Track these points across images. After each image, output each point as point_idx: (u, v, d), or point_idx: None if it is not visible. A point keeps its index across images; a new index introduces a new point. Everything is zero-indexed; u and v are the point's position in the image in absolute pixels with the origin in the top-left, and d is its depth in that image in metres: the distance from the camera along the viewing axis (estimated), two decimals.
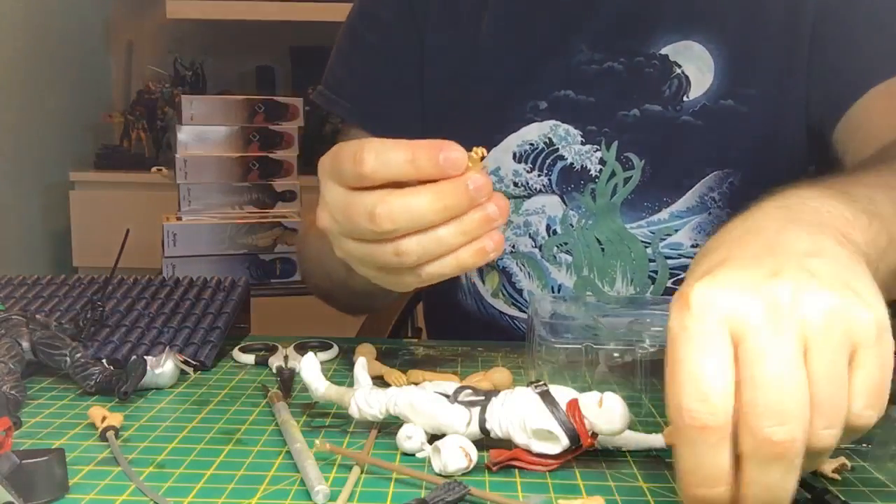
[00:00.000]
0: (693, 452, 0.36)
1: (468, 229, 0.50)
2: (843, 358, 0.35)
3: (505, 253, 0.87)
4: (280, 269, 1.69)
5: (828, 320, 0.35)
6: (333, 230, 0.54)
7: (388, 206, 0.49)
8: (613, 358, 0.55)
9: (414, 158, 0.49)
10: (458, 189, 0.49)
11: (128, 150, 2.85)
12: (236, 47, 3.06)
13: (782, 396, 0.34)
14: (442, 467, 0.47)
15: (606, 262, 0.84)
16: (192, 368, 0.65)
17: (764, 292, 0.36)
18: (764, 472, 0.35)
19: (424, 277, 0.52)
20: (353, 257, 0.54)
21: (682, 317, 0.37)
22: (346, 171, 0.51)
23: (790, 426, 0.34)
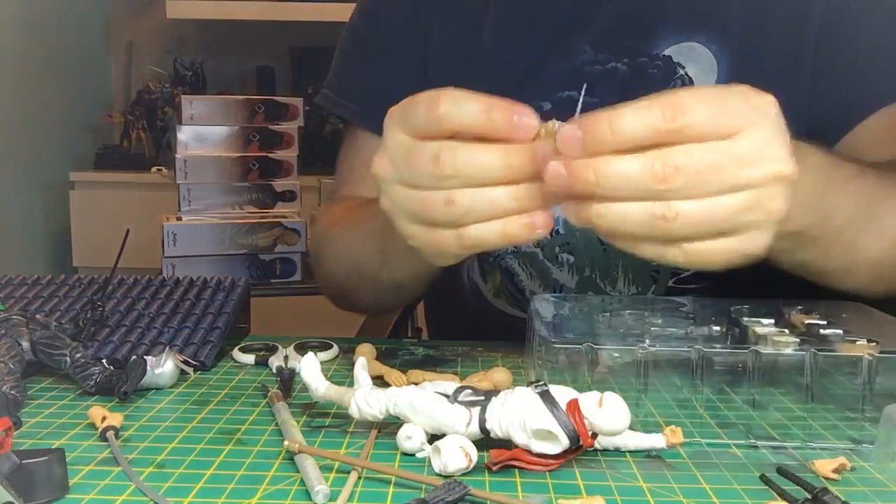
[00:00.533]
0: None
1: (523, 196, 0.49)
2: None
3: (507, 252, 0.87)
4: (280, 269, 1.69)
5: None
6: (388, 176, 0.53)
7: (454, 151, 0.49)
8: (613, 358, 0.55)
9: (488, 110, 0.48)
10: (525, 152, 0.48)
11: (128, 150, 2.85)
12: (236, 47, 3.06)
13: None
14: (442, 467, 0.47)
15: (608, 262, 0.84)
16: (192, 368, 0.65)
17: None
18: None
19: (465, 240, 0.51)
20: (399, 207, 0.53)
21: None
22: (419, 113, 0.50)
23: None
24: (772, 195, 0.48)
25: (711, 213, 0.46)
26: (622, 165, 0.46)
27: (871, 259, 0.65)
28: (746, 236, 0.49)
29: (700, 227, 0.47)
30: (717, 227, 0.47)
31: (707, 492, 0.46)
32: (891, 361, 0.52)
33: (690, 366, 0.53)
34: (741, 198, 0.47)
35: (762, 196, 0.47)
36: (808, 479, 0.44)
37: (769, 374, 0.53)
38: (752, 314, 0.62)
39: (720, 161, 0.46)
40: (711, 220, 0.47)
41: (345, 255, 0.80)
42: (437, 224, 0.51)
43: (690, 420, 0.55)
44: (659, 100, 0.46)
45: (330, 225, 0.87)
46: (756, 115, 0.47)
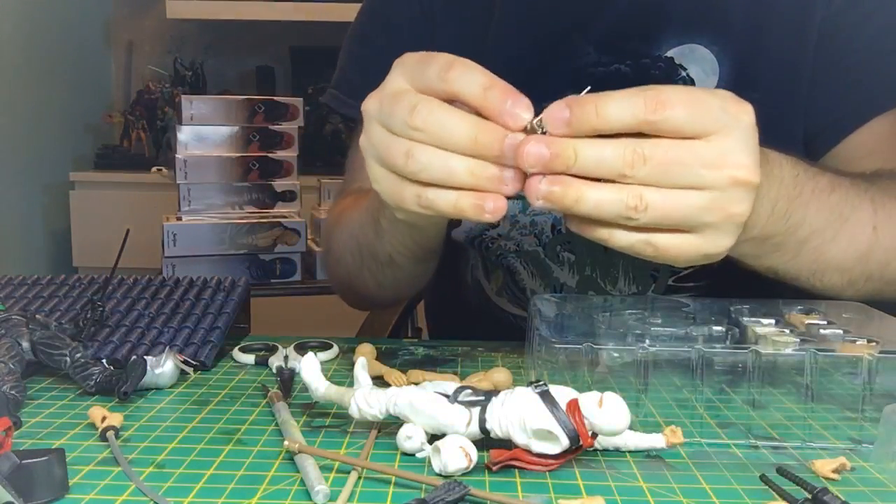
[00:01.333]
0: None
1: (478, 173, 0.50)
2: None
3: (509, 251, 0.87)
4: (280, 269, 1.69)
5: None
6: (372, 113, 0.54)
7: (430, 106, 0.50)
8: (613, 358, 0.55)
9: (489, 87, 0.50)
10: (496, 132, 0.49)
11: (128, 150, 2.85)
12: (236, 47, 3.06)
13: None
14: (442, 467, 0.47)
15: (609, 261, 0.84)
16: (192, 368, 0.65)
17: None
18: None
19: (422, 200, 0.52)
20: (372, 146, 0.54)
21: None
22: (431, 70, 0.51)
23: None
24: (732, 199, 0.50)
25: (675, 206, 0.49)
26: (600, 147, 0.49)
27: (841, 267, 0.66)
28: (708, 236, 0.51)
29: (664, 218, 0.50)
30: (680, 222, 0.50)
31: (707, 492, 0.46)
32: (891, 361, 0.52)
33: (690, 366, 0.53)
34: (703, 197, 0.50)
35: (723, 198, 0.50)
36: (808, 479, 0.44)
37: (769, 374, 0.53)
38: (752, 314, 0.62)
39: (684, 157, 0.49)
40: (674, 213, 0.50)
41: (349, 236, 0.81)
42: (399, 173, 0.53)
43: (690, 420, 0.55)
44: (644, 91, 0.48)
45: (338, 213, 0.88)
46: (729, 121, 0.49)
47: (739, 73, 0.79)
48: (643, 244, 0.51)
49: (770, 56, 0.79)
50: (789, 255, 0.62)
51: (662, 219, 0.50)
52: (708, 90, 0.50)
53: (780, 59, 0.79)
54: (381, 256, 0.75)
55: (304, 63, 2.99)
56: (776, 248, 0.61)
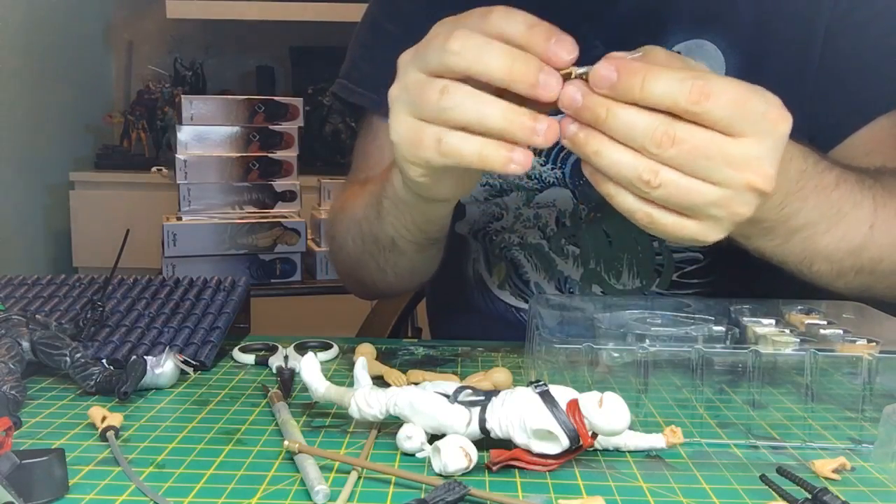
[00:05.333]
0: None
1: (510, 118, 0.50)
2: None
3: (513, 244, 0.87)
4: (280, 269, 1.69)
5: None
6: (408, 60, 0.54)
7: (467, 32, 0.51)
8: (613, 358, 0.55)
9: (532, 26, 0.50)
10: (531, 65, 0.49)
11: (128, 150, 2.85)
12: (236, 47, 3.06)
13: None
14: (442, 467, 0.47)
15: (613, 255, 0.84)
16: (192, 368, 0.65)
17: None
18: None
19: (443, 145, 0.52)
20: (404, 92, 0.54)
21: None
22: (472, 18, 0.52)
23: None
24: (741, 201, 0.51)
25: (687, 193, 0.50)
26: (633, 116, 0.49)
27: (831, 258, 0.66)
28: (705, 225, 0.52)
29: (674, 200, 0.51)
30: (686, 208, 0.51)
31: (707, 492, 0.46)
32: (891, 361, 0.52)
33: (690, 366, 0.53)
34: (716, 192, 0.50)
35: (733, 198, 0.51)
36: (808, 479, 0.44)
37: (769, 374, 0.53)
38: (752, 314, 0.62)
39: (712, 151, 0.49)
40: (684, 199, 0.50)
41: (352, 221, 0.81)
42: (426, 116, 0.52)
43: (690, 420, 0.55)
44: (693, 76, 0.48)
45: (343, 201, 0.88)
46: (766, 128, 0.50)
47: (745, 69, 0.79)
48: (643, 214, 0.52)
49: (776, 53, 0.79)
50: (778, 241, 0.63)
51: (671, 200, 0.50)
52: (757, 89, 0.51)
53: (787, 56, 0.79)
54: (384, 240, 0.75)
55: (304, 63, 2.99)
56: (766, 233, 0.61)
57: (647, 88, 0.48)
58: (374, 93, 0.90)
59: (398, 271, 0.81)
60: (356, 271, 0.86)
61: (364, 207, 0.77)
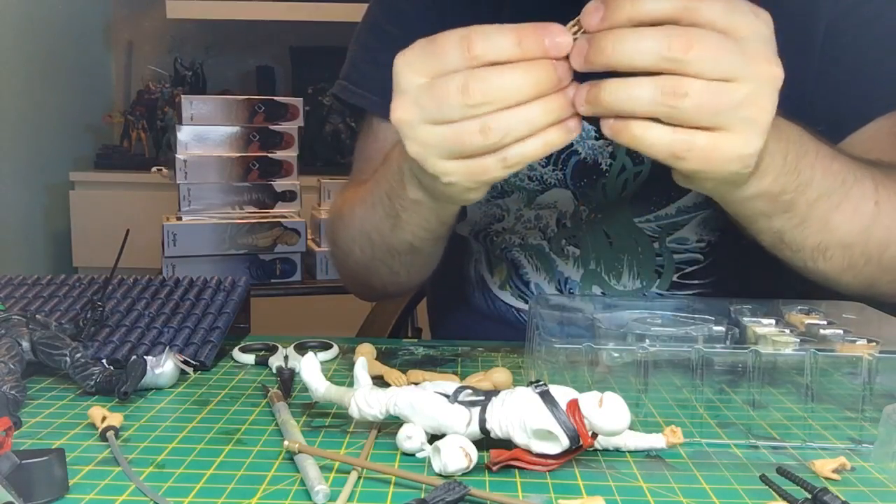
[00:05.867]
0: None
1: (555, 107, 0.51)
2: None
3: (514, 245, 0.87)
4: (280, 269, 1.69)
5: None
6: (413, 118, 0.54)
7: (481, 78, 0.51)
8: (613, 358, 0.55)
9: (521, 41, 0.50)
10: (547, 67, 0.50)
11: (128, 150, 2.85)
12: (236, 47, 3.06)
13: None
14: (442, 467, 0.47)
15: (614, 256, 0.84)
16: (192, 368, 0.65)
17: None
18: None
19: (509, 161, 0.52)
20: (430, 147, 0.54)
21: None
22: (450, 54, 0.52)
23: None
24: (765, 93, 0.51)
25: (716, 96, 0.50)
26: (639, 34, 0.49)
27: (844, 241, 0.66)
28: (742, 133, 0.52)
29: (703, 108, 0.50)
30: (718, 115, 0.51)
31: (707, 492, 0.46)
32: (891, 361, 0.52)
33: (690, 366, 0.53)
34: (741, 89, 0.50)
35: (758, 93, 0.51)
36: (808, 479, 0.44)
37: (769, 374, 0.53)
38: (752, 314, 0.62)
39: (730, 48, 0.49)
40: (715, 104, 0.50)
41: (358, 229, 0.80)
42: (476, 152, 0.53)
43: (690, 420, 0.55)
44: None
45: (342, 204, 0.88)
46: (759, 23, 0.51)
47: None
48: (682, 143, 0.51)
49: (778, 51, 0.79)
50: (798, 219, 0.63)
51: (701, 109, 0.50)
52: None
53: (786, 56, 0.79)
54: (400, 246, 0.74)
55: (304, 63, 2.99)
56: (787, 208, 0.61)
57: (639, 3, 0.49)
58: (375, 94, 0.90)
59: (412, 270, 0.81)
60: (365, 278, 0.86)
61: (370, 219, 0.76)
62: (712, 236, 0.82)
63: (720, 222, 0.81)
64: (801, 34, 0.79)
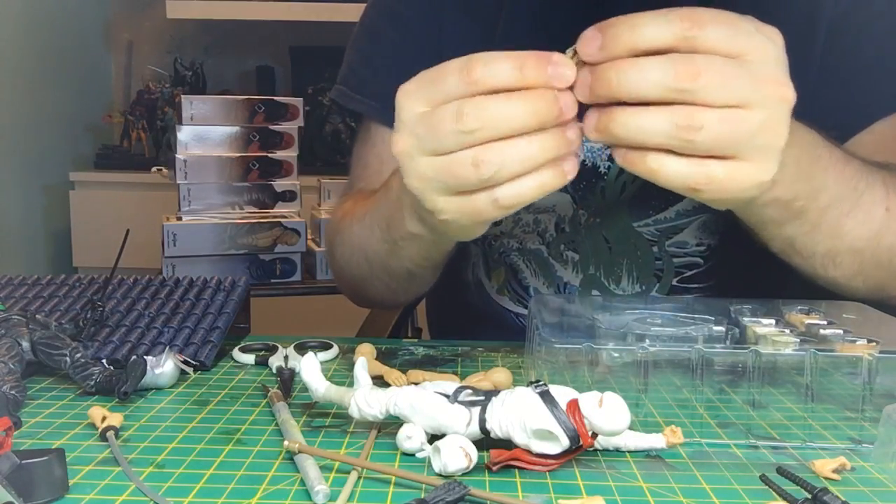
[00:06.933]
0: None
1: (550, 146, 0.49)
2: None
3: (512, 249, 0.87)
4: (280, 269, 1.69)
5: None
6: (411, 149, 0.52)
7: (477, 104, 0.49)
8: (613, 358, 0.55)
9: (522, 66, 0.48)
10: (548, 98, 0.48)
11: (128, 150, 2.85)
12: (236, 47, 3.06)
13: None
14: (442, 467, 0.47)
15: (613, 261, 0.84)
16: (192, 368, 0.65)
17: None
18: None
19: (502, 201, 0.50)
20: (428, 181, 0.53)
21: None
22: (449, 82, 0.50)
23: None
24: (779, 117, 0.50)
25: (732, 126, 0.48)
26: (643, 63, 0.47)
27: (854, 247, 0.65)
28: (757, 161, 0.50)
29: (722, 140, 0.48)
30: (734, 144, 0.49)
31: (707, 492, 0.46)
32: (891, 361, 0.52)
33: (690, 366, 0.53)
34: (755, 116, 0.48)
35: (772, 118, 0.49)
36: (808, 479, 0.44)
37: (769, 374, 0.53)
38: (752, 314, 0.62)
39: (739, 73, 0.48)
40: (730, 133, 0.48)
41: (356, 247, 0.80)
42: (469, 189, 0.51)
43: (690, 420, 0.55)
44: (677, 10, 0.47)
45: (341, 218, 0.87)
46: (765, 41, 0.49)
47: None
48: (700, 175, 0.50)
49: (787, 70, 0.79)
50: (809, 226, 0.62)
51: (718, 140, 0.48)
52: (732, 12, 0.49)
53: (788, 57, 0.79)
54: (398, 271, 0.74)
55: (304, 63, 2.99)
56: (799, 215, 0.60)
57: (637, 29, 0.47)
58: (373, 99, 0.89)
59: (409, 290, 0.80)
60: (362, 290, 0.86)
61: (368, 240, 0.75)
62: (712, 240, 0.82)
63: (720, 226, 0.81)
64: (802, 36, 0.78)
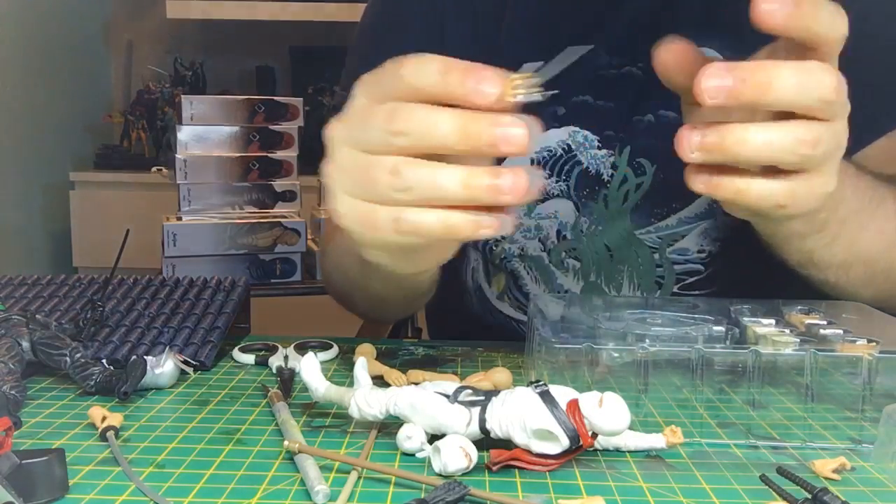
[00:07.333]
0: None
1: (472, 184, 0.45)
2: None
3: (513, 255, 0.87)
4: (280, 269, 1.69)
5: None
6: (338, 136, 0.50)
7: (409, 108, 0.46)
8: (613, 358, 0.55)
9: (446, 72, 0.45)
10: (484, 121, 0.44)
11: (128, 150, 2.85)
12: (236, 47, 3.06)
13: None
14: (442, 467, 0.47)
15: (614, 268, 0.83)
16: (191, 368, 0.65)
17: None
18: None
19: (402, 224, 0.47)
20: (342, 173, 0.50)
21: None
22: (385, 76, 0.48)
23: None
24: (847, 129, 0.51)
25: (837, 139, 0.50)
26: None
27: (868, 259, 0.66)
28: (826, 175, 0.52)
29: (829, 153, 0.50)
30: (830, 157, 0.51)
31: (707, 492, 0.46)
32: (891, 361, 0.52)
33: (690, 366, 0.53)
34: (839, 129, 0.50)
35: (845, 130, 0.51)
36: (808, 479, 0.44)
37: (769, 374, 0.53)
38: (752, 314, 0.62)
39: (841, 89, 0.49)
40: (835, 147, 0.50)
41: (337, 267, 0.80)
42: (376, 199, 0.48)
43: (690, 420, 0.55)
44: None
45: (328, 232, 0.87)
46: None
47: None
48: (786, 191, 0.50)
49: None
50: (829, 238, 0.62)
51: (827, 154, 0.49)
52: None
53: None
54: (373, 295, 0.73)
55: (304, 63, 3.00)
56: (821, 227, 0.61)
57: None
58: None
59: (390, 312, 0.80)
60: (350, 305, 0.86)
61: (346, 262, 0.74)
62: (713, 246, 0.82)
63: (721, 232, 0.81)
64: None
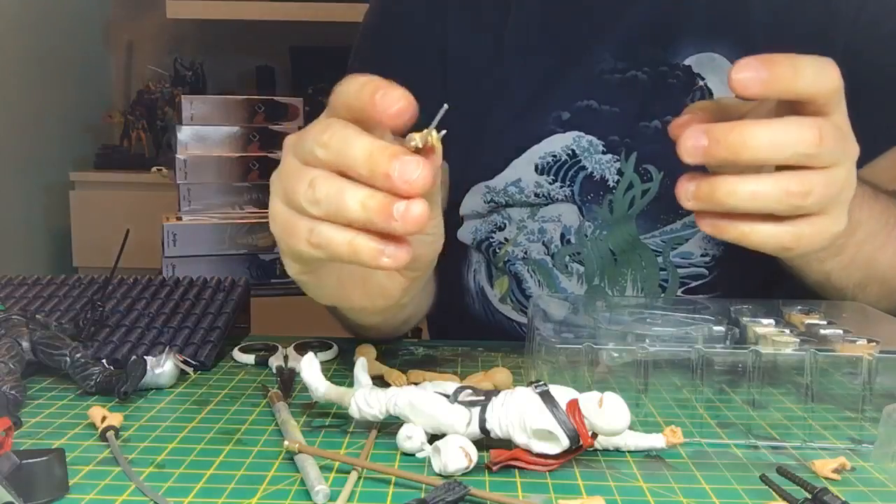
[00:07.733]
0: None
1: (369, 205, 0.45)
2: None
3: (517, 259, 0.86)
4: (280, 269, 1.69)
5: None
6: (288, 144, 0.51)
7: (338, 124, 0.47)
8: (613, 358, 0.55)
9: (363, 85, 0.46)
10: (388, 151, 0.45)
11: (128, 150, 2.85)
12: (236, 47, 3.06)
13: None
14: (442, 467, 0.47)
15: (617, 271, 0.83)
16: (191, 368, 0.65)
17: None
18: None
19: (314, 236, 0.47)
20: (282, 174, 0.51)
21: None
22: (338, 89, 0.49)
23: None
24: (854, 172, 0.53)
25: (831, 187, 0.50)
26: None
27: (883, 278, 0.67)
28: (835, 216, 0.52)
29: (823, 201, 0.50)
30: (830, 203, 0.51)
31: (707, 492, 0.46)
32: (891, 361, 0.52)
33: (690, 366, 0.53)
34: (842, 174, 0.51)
35: (850, 173, 0.52)
36: (808, 479, 0.44)
37: (769, 374, 0.53)
38: (752, 314, 0.62)
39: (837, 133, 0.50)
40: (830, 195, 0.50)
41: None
42: (296, 207, 0.48)
43: (690, 420, 0.55)
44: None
45: None
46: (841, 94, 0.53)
47: None
48: (791, 234, 0.51)
49: None
50: (846, 260, 0.63)
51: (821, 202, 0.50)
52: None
53: None
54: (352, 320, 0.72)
55: (304, 63, 2.99)
56: (839, 251, 0.62)
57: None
58: None
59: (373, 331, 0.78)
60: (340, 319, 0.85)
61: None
62: (717, 250, 0.82)
63: None
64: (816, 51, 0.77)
